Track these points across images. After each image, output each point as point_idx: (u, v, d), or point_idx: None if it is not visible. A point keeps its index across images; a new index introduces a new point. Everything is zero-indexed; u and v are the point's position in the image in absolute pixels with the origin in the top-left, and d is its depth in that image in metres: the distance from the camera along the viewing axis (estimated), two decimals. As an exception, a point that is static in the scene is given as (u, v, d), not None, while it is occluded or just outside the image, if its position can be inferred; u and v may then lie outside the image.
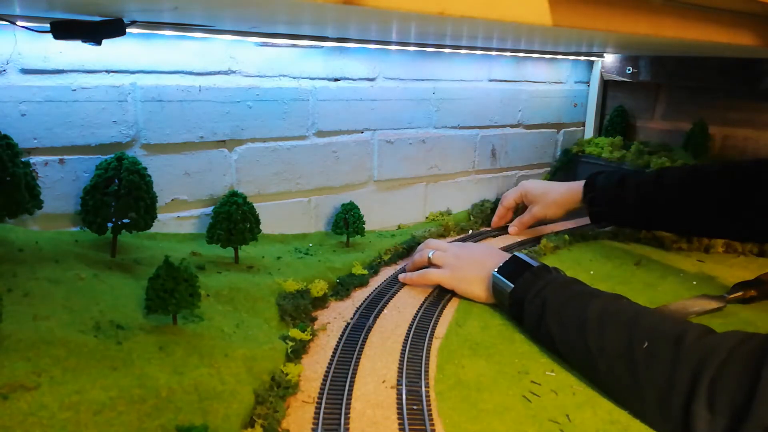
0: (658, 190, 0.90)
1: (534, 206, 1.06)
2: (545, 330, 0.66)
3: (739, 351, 0.51)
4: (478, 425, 0.54)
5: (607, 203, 0.96)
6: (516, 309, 0.72)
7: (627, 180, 0.94)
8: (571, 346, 0.64)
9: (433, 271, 0.82)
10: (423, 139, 1.12)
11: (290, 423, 0.53)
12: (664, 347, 0.55)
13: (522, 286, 0.71)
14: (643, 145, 1.25)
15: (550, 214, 1.04)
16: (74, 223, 0.78)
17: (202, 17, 0.66)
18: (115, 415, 0.45)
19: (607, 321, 0.61)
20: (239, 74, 0.87)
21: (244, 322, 0.65)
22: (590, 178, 0.99)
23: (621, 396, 0.58)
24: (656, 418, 0.54)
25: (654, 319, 0.60)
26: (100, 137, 0.78)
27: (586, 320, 0.62)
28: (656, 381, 0.54)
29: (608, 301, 0.64)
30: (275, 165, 0.94)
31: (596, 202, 0.97)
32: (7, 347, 0.46)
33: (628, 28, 0.62)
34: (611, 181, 0.96)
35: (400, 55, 1.04)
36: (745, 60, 1.11)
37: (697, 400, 0.51)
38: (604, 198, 0.96)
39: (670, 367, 0.54)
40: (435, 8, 0.45)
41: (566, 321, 0.65)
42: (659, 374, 0.54)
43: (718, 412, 0.50)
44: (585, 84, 1.38)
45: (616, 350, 0.58)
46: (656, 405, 0.54)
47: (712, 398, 0.50)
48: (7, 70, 0.70)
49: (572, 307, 0.65)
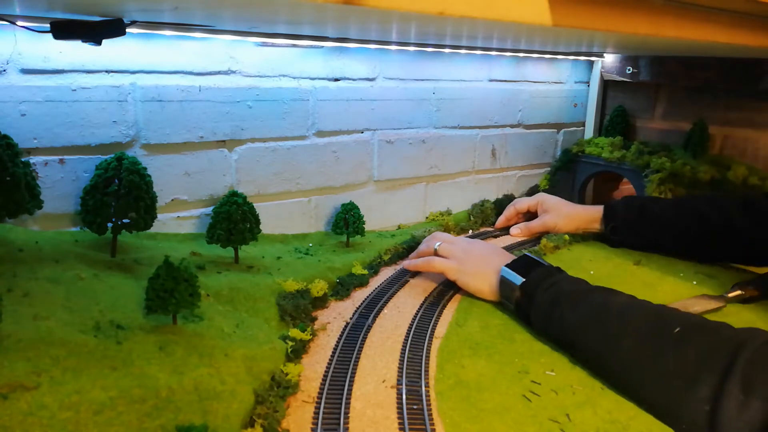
0: (679, 220, 0.95)
1: (546, 215, 1.06)
2: (558, 315, 0.66)
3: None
4: (478, 425, 0.54)
5: (628, 232, 1.00)
6: (525, 301, 0.71)
7: (646, 209, 0.99)
8: (586, 332, 0.63)
9: (438, 259, 0.83)
10: (423, 139, 1.12)
11: (290, 423, 0.53)
12: (698, 332, 0.56)
13: (535, 278, 0.71)
14: (643, 145, 1.25)
15: (561, 225, 1.05)
16: (74, 223, 0.78)
17: (202, 17, 0.66)
18: (115, 415, 0.45)
19: (634, 307, 0.63)
20: (239, 74, 0.87)
21: (244, 322, 0.65)
22: (609, 206, 1.03)
23: (639, 382, 0.58)
24: (676, 404, 0.54)
25: (683, 312, 0.62)
26: (100, 137, 0.78)
27: (609, 308, 0.63)
28: (687, 362, 0.54)
29: (631, 297, 0.66)
30: (275, 165, 0.94)
31: (617, 232, 1.01)
32: (7, 347, 0.46)
33: (628, 28, 0.62)
34: (631, 209, 1.00)
35: (400, 55, 1.04)
36: (745, 60, 1.11)
37: (732, 379, 0.50)
38: (625, 227, 1.00)
39: (706, 348, 0.54)
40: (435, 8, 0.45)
41: (584, 308, 0.65)
42: (692, 355, 0.54)
43: (752, 393, 0.49)
44: (585, 84, 1.38)
45: (644, 334, 0.59)
46: (683, 388, 0.54)
47: (748, 379, 0.50)
48: (7, 70, 0.70)
49: (592, 297, 0.66)
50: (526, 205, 1.11)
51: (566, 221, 1.05)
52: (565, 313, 0.66)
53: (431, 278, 0.87)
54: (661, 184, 1.14)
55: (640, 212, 0.99)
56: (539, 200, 1.09)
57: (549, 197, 1.09)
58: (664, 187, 1.14)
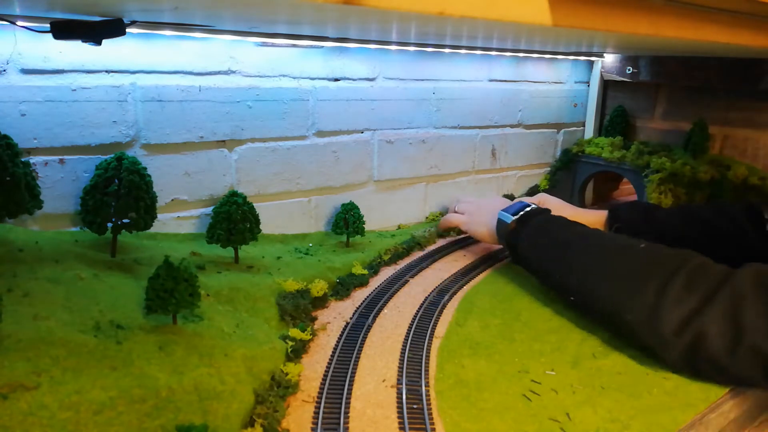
0: (685, 227, 0.96)
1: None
2: (543, 241, 0.78)
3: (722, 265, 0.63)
4: (478, 424, 0.54)
5: (632, 235, 1.00)
6: (515, 234, 0.83)
7: (651, 213, 1.00)
8: (567, 250, 0.74)
9: (454, 215, 1.00)
10: (423, 139, 1.12)
11: (290, 422, 0.53)
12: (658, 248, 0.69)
13: (524, 217, 0.83)
14: (643, 145, 1.25)
15: None
16: (74, 223, 0.78)
17: (202, 17, 0.66)
18: (115, 415, 0.45)
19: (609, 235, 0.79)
20: (239, 74, 0.87)
21: (244, 322, 0.65)
22: (613, 208, 1.04)
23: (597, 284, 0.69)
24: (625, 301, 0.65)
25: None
26: (100, 137, 0.78)
27: (590, 233, 0.76)
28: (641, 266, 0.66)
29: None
30: (275, 165, 0.94)
31: (621, 233, 1.01)
32: (7, 347, 0.46)
33: (628, 28, 0.62)
34: (635, 213, 1.01)
35: (400, 55, 1.04)
36: (745, 60, 1.11)
37: (676, 279, 0.62)
38: (629, 229, 1.00)
39: (660, 257, 0.66)
40: (435, 8, 0.45)
41: (572, 228, 0.77)
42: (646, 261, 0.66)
43: (691, 291, 0.61)
44: (585, 84, 1.38)
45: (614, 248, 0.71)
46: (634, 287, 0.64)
47: (689, 280, 0.61)
48: (7, 70, 0.70)
49: (574, 226, 0.78)
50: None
51: None
52: (551, 236, 0.77)
53: (431, 278, 0.88)
54: (661, 184, 1.14)
55: (645, 216, 0.99)
56: (540, 200, 1.09)
57: (550, 198, 1.09)
58: (664, 187, 1.14)
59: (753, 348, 0.56)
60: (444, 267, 0.93)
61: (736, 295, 0.59)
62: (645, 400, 0.59)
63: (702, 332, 0.59)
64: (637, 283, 0.65)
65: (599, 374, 0.63)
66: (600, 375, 0.63)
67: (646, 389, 0.61)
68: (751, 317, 0.57)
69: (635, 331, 0.65)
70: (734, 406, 0.61)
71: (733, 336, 0.58)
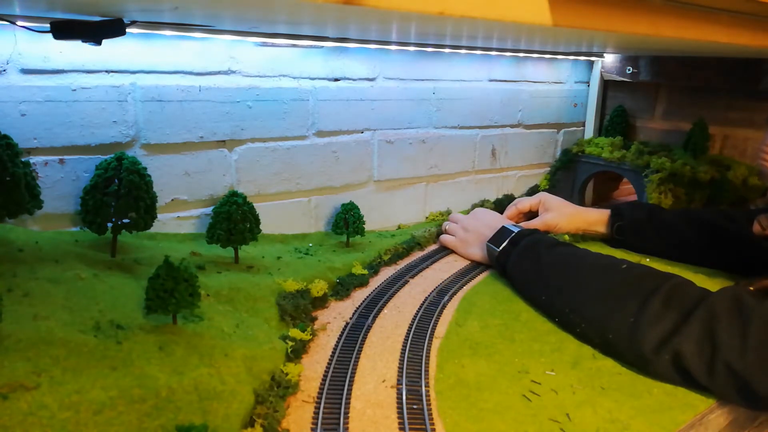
0: (688, 229, 0.97)
1: (548, 214, 1.06)
2: (528, 263, 0.80)
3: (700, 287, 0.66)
4: (478, 424, 0.54)
5: (634, 234, 1.02)
6: (503, 258, 0.86)
7: (654, 214, 1.01)
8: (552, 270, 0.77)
9: (446, 237, 1.03)
10: (423, 139, 1.12)
11: (290, 422, 0.53)
12: (639, 267, 0.72)
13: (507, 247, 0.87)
14: (643, 145, 1.25)
15: (562, 225, 1.04)
16: (74, 223, 0.78)
17: (202, 17, 0.66)
18: (115, 415, 0.45)
19: (594, 254, 0.79)
20: (239, 74, 0.87)
21: (244, 322, 0.65)
22: (616, 207, 1.05)
23: (583, 302, 0.70)
24: (608, 317, 0.67)
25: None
26: (100, 137, 0.78)
27: (574, 252, 0.79)
28: (623, 285, 0.68)
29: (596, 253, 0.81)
30: (275, 165, 0.94)
31: (623, 231, 1.03)
32: (7, 347, 0.46)
33: (628, 28, 0.62)
34: (638, 213, 1.02)
35: (400, 55, 1.04)
36: (745, 60, 1.11)
37: (656, 296, 0.64)
38: (631, 229, 1.02)
39: (641, 276, 0.69)
40: (435, 8, 0.45)
41: (558, 249, 0.80)
42: (629, 280, 0.69)
43: (669, 307, 0.63)
44: (585, 84, 1.38)
45: (599, 267, 0.74)
46: (615, 305, 0.66)
47: (668, 297, 0.64)
48: (7, 70, 0.70)
49: (560, 247, 0.81)
50: (527, 205, 1.11)
51: (568, 221, 1.05)
52: (540, 255, 0.79)
53: (431, 278, 0.88)
54: (661, 184, 1.14)
55: (648, 216, 1.00)
56: (541, 199, 1.09)
57: (551, 197, 1.09)
58: (664, 187, 1.14)
59: (727, 366, 0.58)
60: (444, 267, 0.93)
61: (711, 316, 0.60)
62: (645, 401, 0.59)
63: (679, 351, 0.60)
64: (617, 302, 0.67)
65: (599, 374, 0.64)
66: (600, 375, 0.63)
67: (646, 389, 0.61)
68: (723, 338, 0.58)
69: (618, 349, 0.66)
70: (734, 407, 0.61)
71: (710, 355, 0.59)
